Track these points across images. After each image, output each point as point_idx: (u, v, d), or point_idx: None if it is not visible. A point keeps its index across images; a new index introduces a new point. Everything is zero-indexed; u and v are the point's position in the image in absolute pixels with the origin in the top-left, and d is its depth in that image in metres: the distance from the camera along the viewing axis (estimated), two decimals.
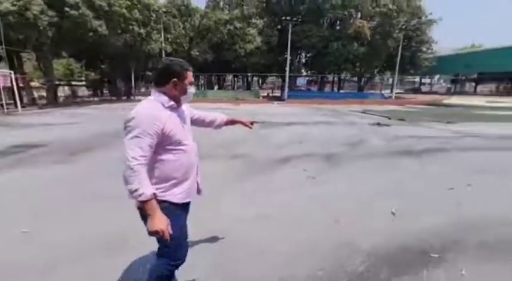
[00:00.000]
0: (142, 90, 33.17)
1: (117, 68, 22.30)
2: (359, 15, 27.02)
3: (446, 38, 79.97)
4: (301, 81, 53.85)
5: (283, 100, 24.75)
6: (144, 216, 1.23)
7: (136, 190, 1.13)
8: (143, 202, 1.16)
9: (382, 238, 2.44)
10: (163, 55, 22.06)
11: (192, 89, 1.38)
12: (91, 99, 22.57)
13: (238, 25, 23.77)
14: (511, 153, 6.06)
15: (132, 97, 23.85)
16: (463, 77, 42.62)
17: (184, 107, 1.47)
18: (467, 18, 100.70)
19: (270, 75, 35.17)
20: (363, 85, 35.26)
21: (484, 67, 33.15)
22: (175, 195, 1.33)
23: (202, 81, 35.93)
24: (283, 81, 30.16)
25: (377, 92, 34.06)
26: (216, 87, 35.26)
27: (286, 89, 25.28)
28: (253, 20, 26.57)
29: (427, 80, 54.16)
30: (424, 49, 30.68)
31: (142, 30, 18.40)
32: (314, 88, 40.28)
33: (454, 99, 27.57)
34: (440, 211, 3.05)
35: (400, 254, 2.21)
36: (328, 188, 3.74)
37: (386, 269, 2.02)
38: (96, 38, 15.30)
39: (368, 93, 32.63)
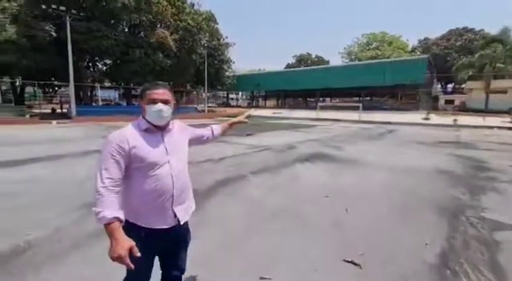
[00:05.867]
0: None
1: None
2: (162, 25, 25.39)
3: (243, 60, 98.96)
4: (110, 95, 45.41)
5: (70, 118, 18.15)
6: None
7: (97, 213, 1.09)
8: (104, 225, 1.10)
9: None
10: None
11: (153, 108, 1.25)
12: None
13: None
14: (298, 170, 5.61)
15: None
16: (257, 94, 53.03)
17: (179, 130, 1.43)
18: (254, 46, 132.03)
19: (46, 84, 25.88)
20: (178, 99, 34.30)
21: (269, 86, 42.39)
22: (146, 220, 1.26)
23: None
24: (79, 92, 22.89)
25: (190, 106, 34.26)
26: None
27: (73, 103, 18.75)
28: (4, 3, 17.71)
29: (234, 96, 63.17)
30: (225, 68, 34.31)
31: None
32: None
33: (253, 111, 32.46)
34: None
35: None
36: None
37: None
38: None
39: (181, 107, 31.97)
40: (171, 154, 1.31)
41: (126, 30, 25.12)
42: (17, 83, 25.85)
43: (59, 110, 24.89)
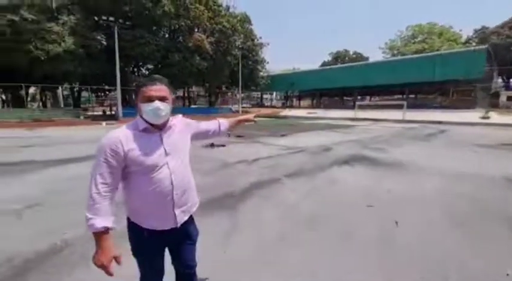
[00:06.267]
0: None
1: None
2: (199, 29, 26.32)
3: (276, 60, 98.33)
4: None
5: (117, 119, 19.69)
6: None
7: (88, 219, 1.08)
8: (93, 233, 1.09)
9: None
10: None
11: (149, 106, 1.16)
12: None
13: (29, 16, 16.64)
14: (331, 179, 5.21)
15: None
16: (291, 93, 52.22)
17: (179, 127, 1.34)
18: (288, 45, 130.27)
19: (99, 89, 28.32)
20: (214, 100, 35.31)
21: (303, 85, 41.41)
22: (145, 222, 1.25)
23: None
24: (126, 95, 24.82)
25: (225, 107, 35.01)
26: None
27: (120, 105, 20.33)
28: (64, 17, 19.90)
29: (268, 96, 63.12)
30: (259, 68, 34.37)
31: None
32: None
33: (287, 112, 32.14)
34: None
35: None
36: None
37: None
38: None
39: (217, 107, 32.79)
40: (170, 154, 1.24)
41: (166, 36, 26.55)
42: (75, 89, 28.96)
43: (108, 112, 27.34)
